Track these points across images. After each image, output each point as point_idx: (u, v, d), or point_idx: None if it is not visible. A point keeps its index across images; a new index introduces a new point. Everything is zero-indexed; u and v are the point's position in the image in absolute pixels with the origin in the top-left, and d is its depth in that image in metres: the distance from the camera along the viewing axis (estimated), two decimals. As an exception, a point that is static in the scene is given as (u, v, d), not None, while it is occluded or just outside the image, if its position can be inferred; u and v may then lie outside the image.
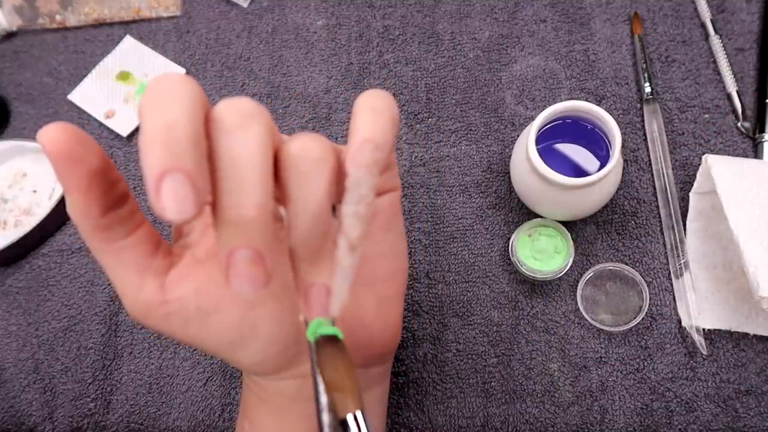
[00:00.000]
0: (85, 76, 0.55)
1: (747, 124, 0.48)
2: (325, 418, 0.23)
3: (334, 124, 0.52)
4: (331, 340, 0.23)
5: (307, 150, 0.21)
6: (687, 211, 0.46)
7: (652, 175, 0.48)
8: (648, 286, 0.45)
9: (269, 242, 0.21)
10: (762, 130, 0.47)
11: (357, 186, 0.21)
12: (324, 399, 0.23)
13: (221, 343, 0.27)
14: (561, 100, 0.44)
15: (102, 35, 0.57)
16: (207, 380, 0.46)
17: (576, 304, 0.45)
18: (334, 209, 0.23)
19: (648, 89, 0.49)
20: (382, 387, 0.35)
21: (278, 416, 0.31)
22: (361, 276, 0.29)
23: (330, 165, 0.22)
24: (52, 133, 0.20)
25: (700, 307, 0.44)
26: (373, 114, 0.23)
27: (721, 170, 0.42)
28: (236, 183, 0.20)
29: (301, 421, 0.31)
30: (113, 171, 0.23)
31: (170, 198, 0.18)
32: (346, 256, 0.20)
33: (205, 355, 0.47)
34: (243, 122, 0.21)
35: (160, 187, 0.18)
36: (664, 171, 0.47)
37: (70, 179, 0.21)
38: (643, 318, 0.44)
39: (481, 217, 0.48)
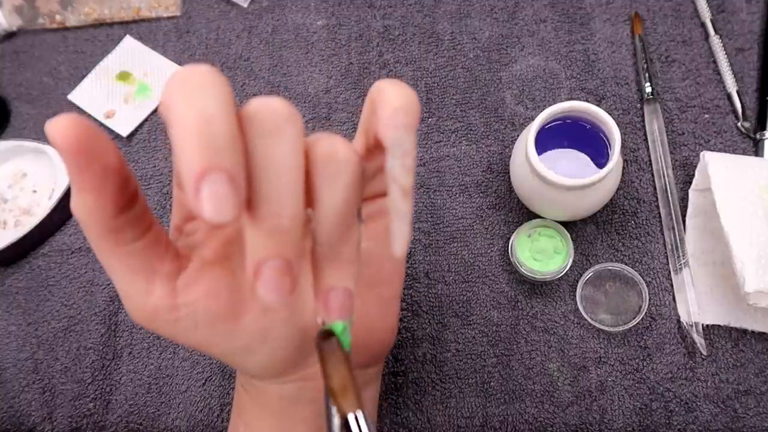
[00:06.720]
0: (85, 76, 0.55)
1: (747, 124, 0.48)
2: (336, 421, 0.22)
3: (334, 124, 0.52)
4: (330, 338, 0.23)
5: (335, 152, 0.21)
6: (687, 208, 0.46)
7: (652, 175, 0.48)
8: (648, 286, 0.45)
9: (299, 251, 0.20)
10: (763, 128, 0.47)
11: (398, 144, 0.21)
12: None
13: (231, 348, 0.26)
14: (561, 100, 0.44)
15: (102, 35, 0.57)
16: (206, 380, 0.46)
17: (575, 304, 0.45)
18: (359, 213, 0.23)
19: (648, 89, 0.49)
20: (375, 387, 0.35)
21: (278, 420, 0.31)
22: (366, 277, 0.29)
23: (356, 165, 0.21)
24: (63, 125, 0.18)
25: (699, 303, 0.44)
26: (397, 87, 0.22)
27: (716, 167, 0.42)
28: (274, 191, 0.19)
29: (301, 424, 0.31)
30: (126, 167, 0.21)
31: (212, 199, 0.17)
32: (400, 200, 0.20)
33: (204, 356, 0.47)
34: (279, 125, 0.19)
35: (201, 187, 0.17)
36: (664, 171, 0.47)
37: (84, 177, 0.20)
38: (642, 318, 0.44)
39: (481, 217, 0.48)
